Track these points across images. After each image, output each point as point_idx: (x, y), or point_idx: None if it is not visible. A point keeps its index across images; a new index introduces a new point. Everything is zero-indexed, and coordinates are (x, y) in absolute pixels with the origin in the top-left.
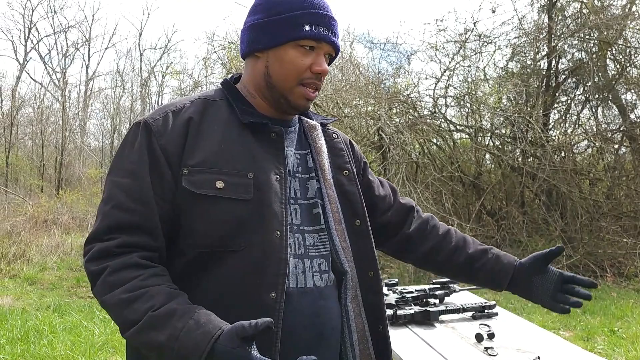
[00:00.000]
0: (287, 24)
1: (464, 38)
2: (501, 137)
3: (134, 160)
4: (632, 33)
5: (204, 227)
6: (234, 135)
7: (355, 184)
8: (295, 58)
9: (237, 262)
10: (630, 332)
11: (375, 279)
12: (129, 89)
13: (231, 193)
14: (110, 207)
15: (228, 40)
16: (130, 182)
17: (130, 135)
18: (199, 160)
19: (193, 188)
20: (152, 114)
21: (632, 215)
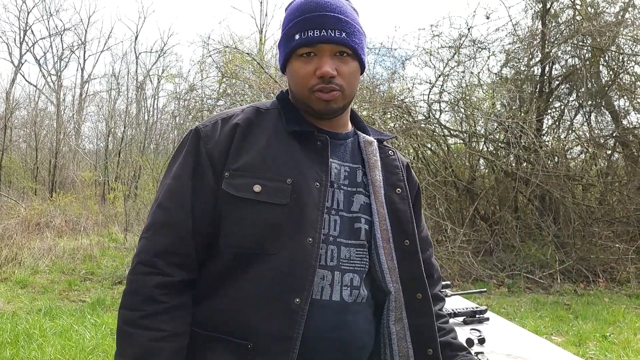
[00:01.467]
0: (285, 40)
1: (458, 43)
2: (495, 143)
3: (180, 164)
4: (624, 40)
5: (241, 230)
6: (280, 143)
7: (408, 203)
8: (298, 69)
9: (269, 265)
10: (622, 338)
11: (424, 302)
12: (124, 92)
13: (268, 197)
14: (156, 207)
15: (223, 44)
16: (173, 183)
17: (183, 141)
18: (240, 164)
19: (232, 191)
20: (206, 120)
21: (625, 220)
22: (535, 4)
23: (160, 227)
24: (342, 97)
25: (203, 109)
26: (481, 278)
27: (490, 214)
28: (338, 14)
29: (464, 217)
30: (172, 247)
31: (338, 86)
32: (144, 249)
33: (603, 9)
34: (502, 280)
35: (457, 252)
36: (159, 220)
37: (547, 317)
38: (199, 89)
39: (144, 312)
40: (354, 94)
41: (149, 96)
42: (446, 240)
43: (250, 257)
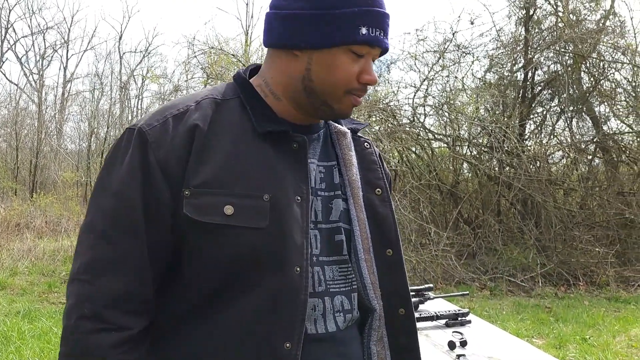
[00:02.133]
0: (342, 23)
1: (443, 48)
2: (478, 147)
3: (122, 178)
4: (605, 47)
5: (209, 263)
6: (249, 146)
7: (389, 205)
8: (345, 65)
9: (246, 304)
10: (601, 340)
11: (407, 318)
12: (107, 92)
13: (242, 220)
14: (92, 238)
15: (208, 45)
16: (115, 204)
17: (120, 146)
18: (204, 178)
19: (196, 215)
20: (149, 118)
21: (605, 225)
22: (519, 11)
23: (106, 265)
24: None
25: None
26: (464, 281)
27: (474, 217)
28: (389, 17)
29: (447, 221)
30: (126, 292)
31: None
32: (88, 298)
33: (584, 17)
34: (484, 284)
35: (441, 255)
36: (103, 255)
37: (529, 319)
38: (184, 90)
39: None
40: None
41: (133, 96)
42: (430, 244)
43: (222, 294)
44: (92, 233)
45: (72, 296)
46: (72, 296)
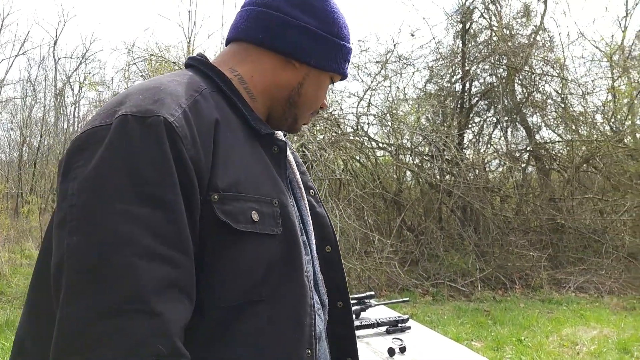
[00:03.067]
0: (339, 54)
1: (385, 59)
2: (420, 155)
3: (157, 180)
4: (536, 61)
5: (234, 274)
6: (250, 146)
7: (322, 205)
8: (325, 89)
9: (268, 314)
10: (536, 341)
11: (346, 310)
12: (41, 99)
13: (265, 227)
14: (130, 256)
15: (149, 52)
16: (157, 214)
17: (130, 137)
18: (229, 182)
19: (233, 222)
20: (161, 105)
21: (538, 230)
22: (456, 24)
23: (167, 291)
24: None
25: None
26: (407, 287)
27: (416, 224)
28: None
29: (391, 228)
30: (186, 318)
31: None
32: (157, 332)
33: (517, 31)
34: (427, 289)
35: (385, 263)
36: (163, 281)
37: (468, 323)
38: None
39: None
40: None
41: (69, 104)
42: (374, 251)
43: (243, 309)
44: (128, 249)
45: (126, 334)
46: (125, 334)
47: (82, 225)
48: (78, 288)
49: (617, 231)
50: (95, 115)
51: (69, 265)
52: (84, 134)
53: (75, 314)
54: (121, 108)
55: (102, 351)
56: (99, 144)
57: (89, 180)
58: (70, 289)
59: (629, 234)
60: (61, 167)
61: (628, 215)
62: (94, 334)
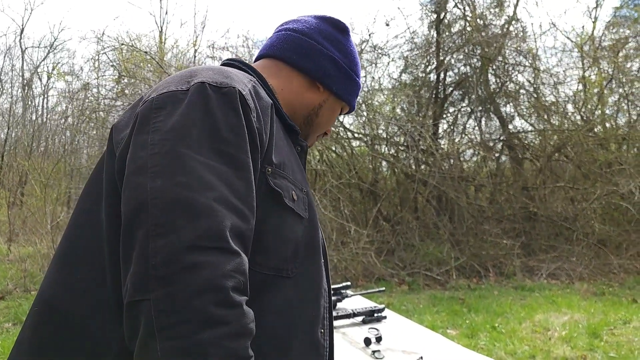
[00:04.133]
0: (353, 88)
1: (360, 49)
2: (396, 146)
3: (233, 141)
4: (509, 51)
5: (274, 244)
6: (286, 139)
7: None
8: (336, 115)
9: (292, 290)
10: (509, 328)
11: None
12: (7, 89)
13: (299, 208)
14: (212, 200)
15: (119, 41)
16: (231, 172)
17: (208, 99)
18: (279, 160)
19: (284, 193)
20: (231, 81)
21: (511, 218)
22: (430, 14)
23: (245, 239)
24: None
25: (98, 109)
26: (384, 277)
27: (392, 214)
28: None
29: (367, 219)
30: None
31: None
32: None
33: (490, 22)
34: (403, 279)
35: (361, 253)
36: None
37: (444, 312)
38: (94, 88)
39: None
40: None
41: (37, 95)
42: (350, 242)
43: (274, 281)
44: (210, 193)
45: (212, 266)
46: (210, 266)
47: (166, 170)
48: (166, 224)
49: (587, 219)
50: (163, 83)
51: (154, 205)
52: (161, 95)
53: (164, 247)
54: (195, 79)
55: (189, 280)
56: (179, 103)
57: (173, 131)
58: (157, 226)
59: (598, 221)
60: (136, 122)
61: (598, 203)
62: (181, 265)
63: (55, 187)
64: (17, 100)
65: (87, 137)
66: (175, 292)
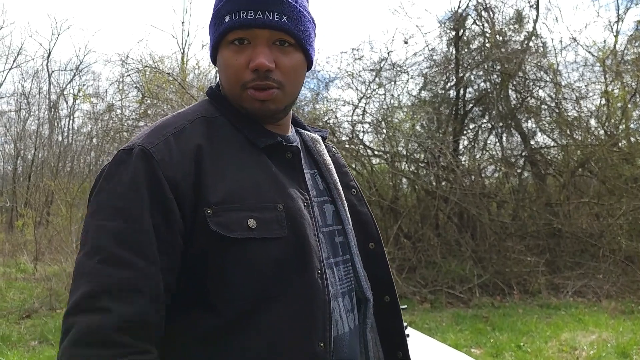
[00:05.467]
0: (214, 23)
1: (379, 67)
2: (416, 162)
3: (128, 197)
4: (529, 66)
5: (241, 277)
6: (250, 160)
7: (365, 203)
8: (228, 60)
9: (280, 311)
10: (535, 347)
11: (393, 304)
12: (35, 111)
13: (265, 232)
14: (96, 262)
15: (143, 63)
16: (122, 225)
17: (118, 166)
18: (222, 196)
19: (225, 231)
20: (146, 137)
21: (535, 235)
22: (449, 31)
23: (123, 289)
24: (283, 96)
25: (122, 129)
26: (405, 295)
27: (413, 231)
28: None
29: (388, 236)
30: (141, 319)
31: (276, 82)
32: (100, 326)
33: (510, 38)
34: (425, 297)
35: None
36: (113, 280)
37: (467, 330)
38: (118, 109)
39: None
40: (298, 92)
41: (63, 116)
42: None
43: (254, 307)
44: (97, 257)
45: (77, 327)
46: (76, 327)
47: (82, 243)
48: (70, 292)
49: (614, 235)
50: None
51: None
52: (99, 172)
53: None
54: (122, 146)
55: (67, 340)
56: (99, 179)
57: (90, 206)
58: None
59: (625, 237)
60: None
61: (624, 219)
62: (65, 326)
63: (80, 207)
64: (43, 122)
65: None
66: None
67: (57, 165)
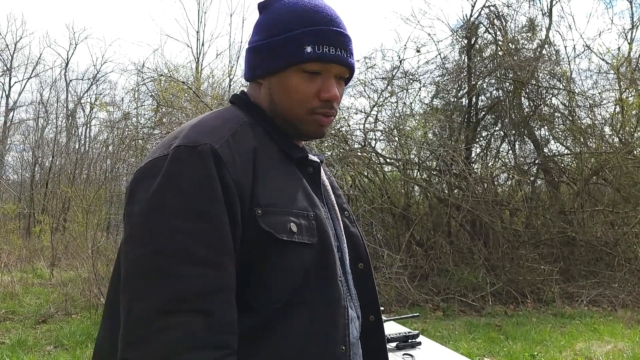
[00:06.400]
0: (287, 47)
1: (391, 75)
2: (428, 170)
3: (204, 198)
4: (542, 74)
5: (280, 279)
6: (285, 169)
7: (357, 225)
8: (298, 85)
9: (307, 314)
10: (549, 356)
11: (377, 323)
12: (53, 120)
13: (302, 237)
14: (183, 264)
15: (158, 72)
16: (205, 227)
17: (183, 163)
18: (270, 198)
19: (275, 232)
20: (207, 136)
21: (549, 243)
22: (461, 40)
23: (216, 290)
24: (332, 123)
25: (137, 137)
26: (417, 303)
27: (425, 239)
28: (347, 32)
29: (400, 243)
30: (235, 313)
31: (335, 112)
32: (206, 327)
33: (522, 46)
34: (437, 304)
35: (394, 278)
36: (213, 284)
37: (480, 338)
38: (134, 117)
39: None
40: None
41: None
42: (383, 267)
43: (286, 309)
44: (182, 261)
45: (178, 329)
46: (176, 329)
47: (144, 240)
48: (142, 291)
49: (629, 243)
50: (155, 148)
51: (134, 274)
52: (146, 164)
53: (139, 313)
54: (176, 141)
55: (160, 342)
56: (157, 173)
57: (150, 202)
58: (135, 292)
59: None
60: (127, 194)
61: None
62: (153, 329)
63: (96, 213)
64: (61, 130)
65: (127, 164)
66: (149, 353)
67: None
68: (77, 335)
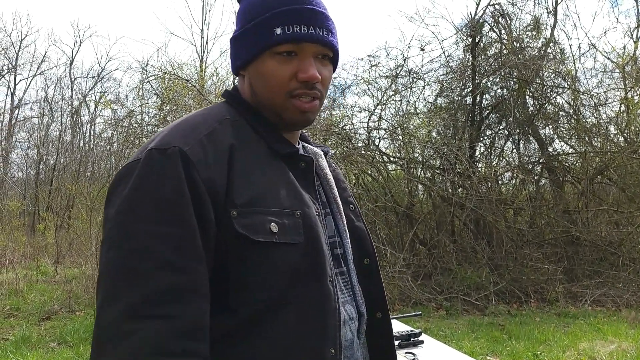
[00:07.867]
0: (258, 32)
1: (395, 73)
2: (432, 169)
3: (172, 200)
4: (547, 73)
5: (260, 280)
6: (272, 166)
7: (362, 219)
8: (273, 69)
9: (294, 316)
10: (552, 356)
11: (384, 321)
12: (57, 118)
13: (285, 237)
14: (151, 267)
15: (162, 70)
16: (173, 230)
17: (152, 167)
18: (247, 198)
19: (250, 234)
20: (179, 138)
21: (553, 242)
22: (466, 38)
23: (183, 294)
24: (319, 107)
25: (142, 135)
26: (420, 302)
27: (429, 238)
28: (323, 9)
29: (403, 242)
30: (204, 321)
31: (319, 93)
32: (171, 332)
33: (527, 44)
34: (440, 303)
35: (397, 277)
36: (175, 285)
37: (483, 338)
38: (138, 115)
39: None
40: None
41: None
42: (387, 265)
43: (270, 309)
44: (149, 262)
45: (143, 334)
46: (141, 334)
47: (117, 242)
48: (111, 294)
49: (634, 243)
50: (135, 152)
51: (105, 276)
52: (123, 168)
53: (107, 317)
54: (150, 144)
55: (123, 348)
56: (130, 176)
57: (121, 206)
58: (106, 294)
59: None
60: (106, 197)
61: None
62: (120, 333)
63: (100, 211)
64: (66, 128)
65: None
66: (114, 358)
67: (78, 170)
68: (81, 332)
